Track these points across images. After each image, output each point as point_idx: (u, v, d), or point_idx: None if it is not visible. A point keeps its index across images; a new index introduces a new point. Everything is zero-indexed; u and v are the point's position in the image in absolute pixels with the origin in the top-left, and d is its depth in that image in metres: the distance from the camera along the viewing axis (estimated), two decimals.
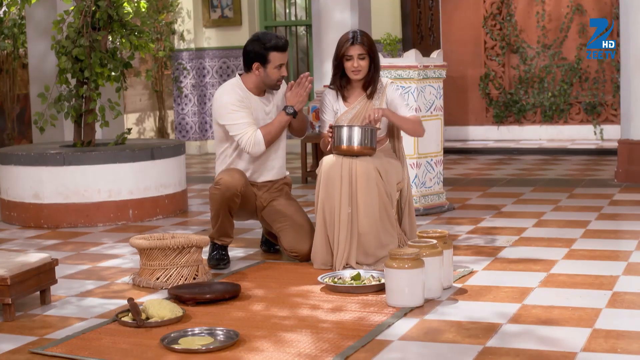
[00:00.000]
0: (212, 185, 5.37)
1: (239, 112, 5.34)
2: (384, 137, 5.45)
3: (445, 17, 13.16)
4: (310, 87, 5.40)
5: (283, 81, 5.57)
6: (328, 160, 5.18)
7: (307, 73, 5.45)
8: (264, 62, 5.37)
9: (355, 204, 5.10)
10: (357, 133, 5.16)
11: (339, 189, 5.11)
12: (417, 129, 5.41)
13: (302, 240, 5.40)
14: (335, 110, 5.45)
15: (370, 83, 5.39)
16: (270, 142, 5.38)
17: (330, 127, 5.25)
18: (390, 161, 5.33)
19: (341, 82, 5.42)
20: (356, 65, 5.30)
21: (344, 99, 5.44)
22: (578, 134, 12.80)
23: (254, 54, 5.39)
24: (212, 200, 5.37)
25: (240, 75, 5.53)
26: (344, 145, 5.17)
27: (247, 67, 5.45)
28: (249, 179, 5.48)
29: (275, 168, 5.59)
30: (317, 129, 5.45)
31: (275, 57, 5.37)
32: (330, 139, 5.25)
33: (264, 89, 5.50)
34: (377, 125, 5.23)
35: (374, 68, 5.37)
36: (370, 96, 5.39)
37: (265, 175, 5.56)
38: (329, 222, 5.15)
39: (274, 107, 5.52)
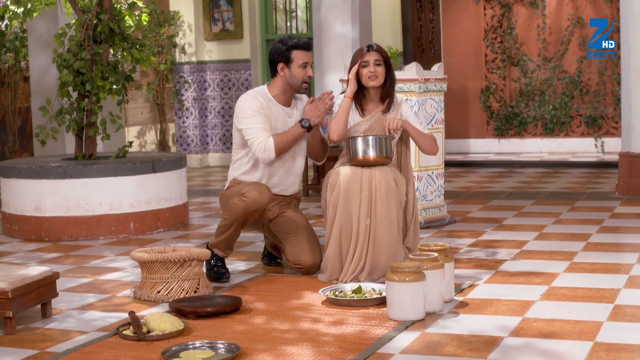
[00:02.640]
0: (237, 196, 5.34)
1: (255, 118, 5.34)
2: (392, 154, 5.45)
3: (446, 30, 13.19)
4: (330, 104, 5.39)
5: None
6: (346, 171, 5.17)
7: (330, 90, 5.45)
8: (287, 61, 5.39)
9: (373, 215, 5.10)
10: (372, 143, 5.17)
11: (359, 200, 5.10)
12: (432, 146, 5.42)
13: (307, 253, 5.40)
14: (349, 119, 5.44)
15: (387, 95, 5.39)
16: (281, 151, 5.36)
17: (345, 139, 5.27)
18: (400, 173, 5.34)
19: (357, 94, 5.41)
20: (373, 71, 5.31)
21: (359, 111, 5.43)
22: (579, 147, 12.80)
23: (277, 55, 5.42)
24: (231, 210, 5.34)
25: (267, 84, 5.54)
26: (360, 155, 5.18)
27: (273, 71, 5.46)
28: None
29: (289, 183, 5.58)
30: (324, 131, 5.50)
31: (297, 55, 5.39)
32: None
33: (290, 95, 5.50)
34: (395, 135, 5.27)
35: (390, 80, 5.38)
36: (386, 110, 5.39)
37: (279, 188, 5.55)
38: (346, 234, 5.14)
39: (295, 122, 5.49)
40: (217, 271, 5.40)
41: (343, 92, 5.50)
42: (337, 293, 4.79)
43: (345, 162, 5.32)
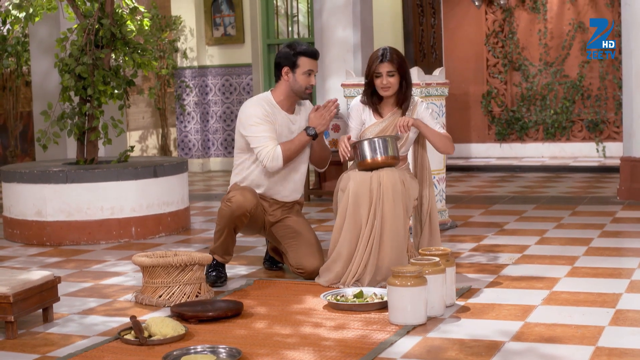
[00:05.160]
0: (224, 201, 5.37)
1: (261, 126, 5.34)
2: (405, 156, 5.45)
3: (447, 35, 13.20)
4: (335, 112, 5.39)
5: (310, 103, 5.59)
6: (355, 178, 5.17)
7: (335, 98, 5.45)
8: (292, 66, 5.39)
9: (379, 216, 5.10)
10: (378, 144, 5.18)
11: (367, 203, 5.10)
12: (447, 145, 5.38)
13: (309, 257, 5.40)
14: (364, 119, 5.44)
15: (404, 100, 5.37)
16: (288, 159, 5.36)
17: (352, 144, 5.26)
18: (411, 177, 5.33)
19: (372, 99, 5.41)
20: (385, 83, 5.30)
21: (376, 114, 5.43)
22: (580, 152, 12.80)
23: (284, 59, 5.42)
24: (220, 216, 5.37)
25: (271, 90, 5.54)
26: (368, 159, 5.19)
27: (278, 74, 5.46)
28: (263, 194, 5.49)
29: (290, 190, 5.58)
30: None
31: (304, 62, 5.39)
32: (346, 154, 5.25)
33: (294, 101, 5.50)
34: (406, 135, 5.26)
35: (406, 85, 5.35)
36: (403, 113, 5.39)
37: (280, 194, 5.56)
38: (353, 236, 5.14)
39: (298, 129, 5.49)
40: (215, 275, 5.41)
41: (359, 97, 5.49)
42: (338, 297, 4.79)
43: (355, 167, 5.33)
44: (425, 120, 5.40)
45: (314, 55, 5.44)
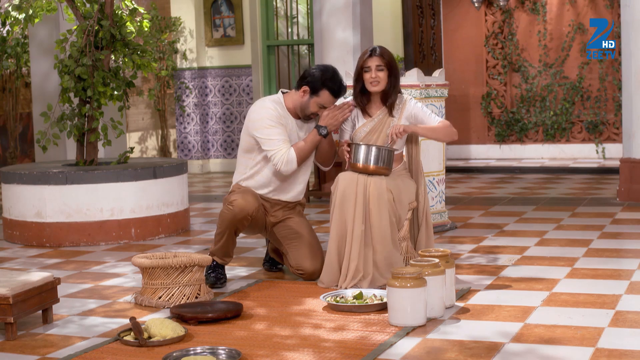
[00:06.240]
0: (225, 204, 5.36)
1: (275, 128, 5.33)
2: (400, 153, 5.45)
3: (447, 36, 13.20)
4: (348, 115, 5.40)
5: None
6: (344, 177, 5.20)
7: (352, 101, 5.46)
8: (313, 91, 5.38)
9: (368, 222, 5.11)
10: (373, 153, 5.19)
11: (353, 206, 5.12)
12: (448, 134, 5.37)
13: (310, 258, 5.40)
14: (354, 121, 5.45)
15: (389, 96, 5.39)
16: (302, 160, 5.38)
17: (348, 144, 5.27)
18: (405, 180, 5.33)
19: (362, 98, 5.42)
20: (374, 76, 5.30)
21: (365, 114, 5.43)
22: (580, 153, 12.81)
23: (311, 79, 5.40)
24: (221, 219, 5.37)
25: (283, 93, 5.54)
26: (360, 164, 5.21)
27: (299, 85, 5.46)
28: (265, 195, 5.49)
29: (293, 192, 5.58)
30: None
31: (325, 95, 5.38)
32: (347, 155, 5.26)
33: (298, 116, 5.51)
34: (398, 141, 5.26)
35: (394, 82, 5.37)
36: (389, 111, 5.39)
37: (282, 195, 5.55)
38: (342, 239, 5.15)
39: (306, 132, 5.50)
40: (215, 276, 5.40)
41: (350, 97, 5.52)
42: (338, 299, 4.79)
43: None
44: (419, 116, 5.40)
45: (337, 95, 5.43)
